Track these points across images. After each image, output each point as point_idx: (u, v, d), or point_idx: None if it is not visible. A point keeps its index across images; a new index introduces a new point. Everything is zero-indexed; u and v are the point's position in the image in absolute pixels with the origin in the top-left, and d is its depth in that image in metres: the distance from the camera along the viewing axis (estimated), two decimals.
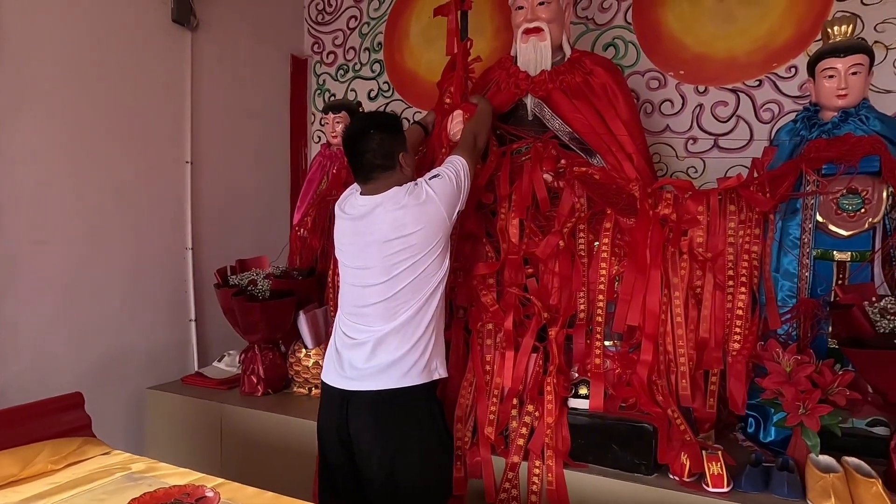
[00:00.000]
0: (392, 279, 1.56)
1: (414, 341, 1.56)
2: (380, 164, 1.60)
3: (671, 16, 2.60)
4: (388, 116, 1.74)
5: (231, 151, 3.04)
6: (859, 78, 1.73)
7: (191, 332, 2.78)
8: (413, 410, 1.57)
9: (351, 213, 1.64)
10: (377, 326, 1.57)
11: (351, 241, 1.64)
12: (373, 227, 1.57)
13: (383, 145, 1.60)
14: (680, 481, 1.53)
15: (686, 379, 1.71)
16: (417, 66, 3.16)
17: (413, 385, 1.55)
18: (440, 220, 1.58)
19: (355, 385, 1.57)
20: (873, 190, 1.68)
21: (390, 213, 1.55)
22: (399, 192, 1.58)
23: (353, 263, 1.65)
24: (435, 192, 1.57)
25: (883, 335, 1.41)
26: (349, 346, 1.61)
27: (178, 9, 2.67)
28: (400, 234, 1.54)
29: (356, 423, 1.56)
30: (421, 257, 1.55)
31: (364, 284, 1.60)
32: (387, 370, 1.55)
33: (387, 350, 1.56)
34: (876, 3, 2.27)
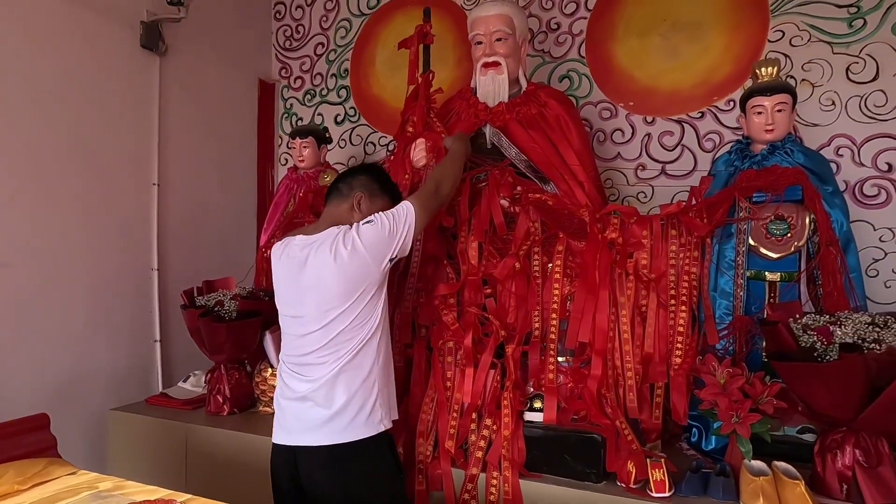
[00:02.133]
0: (325, 326, 1.53)
1: (353, 391, 1.52)
2: (340, 188, 1.68)
3: (621, 51, 2.78)
4: (384, 175, 1.77)
5: (198, 173, 3.09)
6: (784, 115, 1.91)
7: (156, 353, 2.79)
8: (361, 465, 1.53)
9: (286, 258, 1.62)
10: (315, 375, 1.54)
11: (286, 287, 1.63)
12: (307, 272, 1.55)
13: (355, 179, 1.69)
14: (626, 488, 1.63)
15: (633, 392, 1.83)
16: (383, 92, 3.27)
17: (357, 439, 1.52)
18: (365, 273, 1.54)
19: (300, 440, 1.55)
20: (797, 216, 1.84)
21: (321, 258, 1.53)
22: (329, 237, 1.55)
23: (289, 312, 1.63)
24: (363, 241, 1.53)
25: (805, 349, 1.55)
26: (290, 399, 1.58)
27: (146, 34, 2.73)
28: (327, 282, 1.52)
29: (307, 477, 1.54)
30: (349, 306, 1.52)
31: (300, 333, 1.58)
32: (328, 423, 1.51)
33: (326, 401, 1.52)
34: (803, 44, 2.48)
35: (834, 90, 2.43)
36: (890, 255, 2.36)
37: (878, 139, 2.37)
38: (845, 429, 1.57)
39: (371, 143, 3.32)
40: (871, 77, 2.38)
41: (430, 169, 2.10)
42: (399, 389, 1.92)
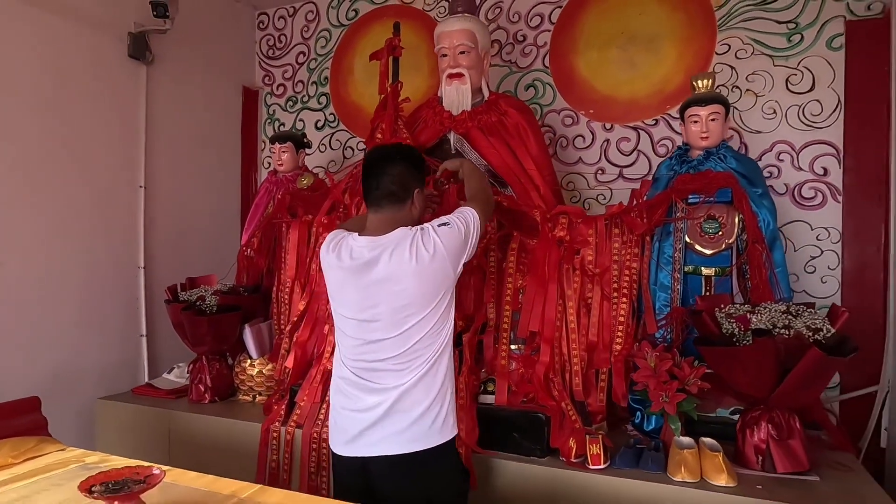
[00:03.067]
0: (403, 333, 1.48)
1: (432, 398, 1.50)
2: (395, 191, 1.54)
3: (582, 62, 2.96)
4: (415, 151, 1.68)
5: (184, 176, 3.24)
6: (717, 123, 2.09)
7: (142, 347, 2.94)
8: (439, 470, 1.52)
9: (348, 259, 1.53)
10: (391, 383, 1.49)
11: (353, 290, 1.53)
12: (378, 274, 1.48)
13: (403, 175, 1.55)
14: (567, 462, 1.80)
15: (579, 377, 2.00)
16: (361, 99, 3.44)
17: (436, 445, 1.50)
18: (444, 276, 1.50)
19: (374, 450, 1.50)
20: (728, 216, 2.03)
21: (398, 259, 1.46)
22: (405, 239, 1.48)
23: (356, 315, 1.54)
24: (443, 243, 1.47)
25: (726, 335, 1.73)
26: (359, 410, 1.52)
27: (134, 45, 2.89)
28: (405, 286, 1.46)
29: (383, 486, 1.51)
30: (428, 313, 1.48)
31: (371, 339, 1.51)
32: (407, 430, 1.48)
33: (406, 409, 1.48)
34: (747, 57, 2.67)
35: (775, 100, 2.62)
36: (826, 252, 2.55)
37: (814, 145, 2.56)
38: (762, 407, 1.75)
39: (350, 147, 3.49)
40: (809, 88, 2.57)
41: None
42: None
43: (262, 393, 2.44)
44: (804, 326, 1.66)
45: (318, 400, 2.11)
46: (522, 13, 3.08)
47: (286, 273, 2.46)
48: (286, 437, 2.10)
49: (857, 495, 1.58)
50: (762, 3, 2.65)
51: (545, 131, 2.99)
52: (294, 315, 2.36)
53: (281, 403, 2.20)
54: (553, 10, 3.02)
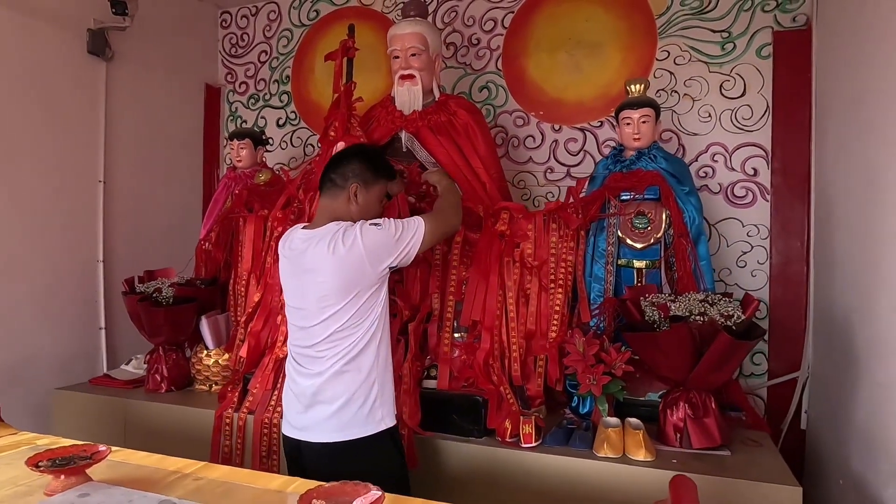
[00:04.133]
0: (322, 322, 1.55)
1: (354, 389, 1.55)
2: (332, 178, 1.64)
3: (532, 65, 3.09)
4: (375, 153, 1.74)
5: (145, 172, 3.29)
6: (648, 125, 2.23)
7: (100, 340, 2.98)
8: (363, 462, 1.54)
9: (288, 250, 1.66)
10: (317, 369, 1.57)
11: (290, 279, 1.66)
12: (306, 265, 1.57)
13: (348, 167, 1.64)
14: (502, 441, 1.91)
15: (517, 363, 2.12)
16: (321, 98, 3.52)
17: (358, 437, 1.54)
18: (360, 272, 1.54)
19: (303, 435, 1.58)
20: (656, 212, 2.17)
21: (320, 253, 1.54)
22: (332, 232, 1.56)
23: (292, 303, 1.66)
24: (363, 241, 1.53)
25: (648, 322, 1.87)
26: (296, 394, 1.62)
27: (93, 41, 2.93)
28: (323, 278, 1.55)
29: (312, 471, 1.54)
30: (344, 305, 1.54)
31: (302, 325, 1.61)
32: (329, 420, 1.54)
33: (326, 398, 1.55)
34: (685, 63, 2.83)
35: (710, 104, 2.79)
36: (756, 248, 2.72)
37: (745, 147, 2.74)
38: (681, 388, 1.89)
39: (310, 144, 3.57)
40: (740, 93, 2.74)
41: None
42: None
43: (218, 382, 2.51)
44: (717, 313, 1.80)
45: (270, 387, 2.19)
46: (477, 17, 3.20)
47: (242, 266, 2.53)
48: (239, 422, 2.18)
49: (760, 466, 1.73)
50: (699, 13, 2.81)
51: (498, 132, 3.12)
52: (249, 306, 2.43)
53: (234, 391, 2.28)
54: (506, 15, 3.14)
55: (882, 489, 1.62)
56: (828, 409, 2.25)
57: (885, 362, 1.66)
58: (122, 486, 1.28)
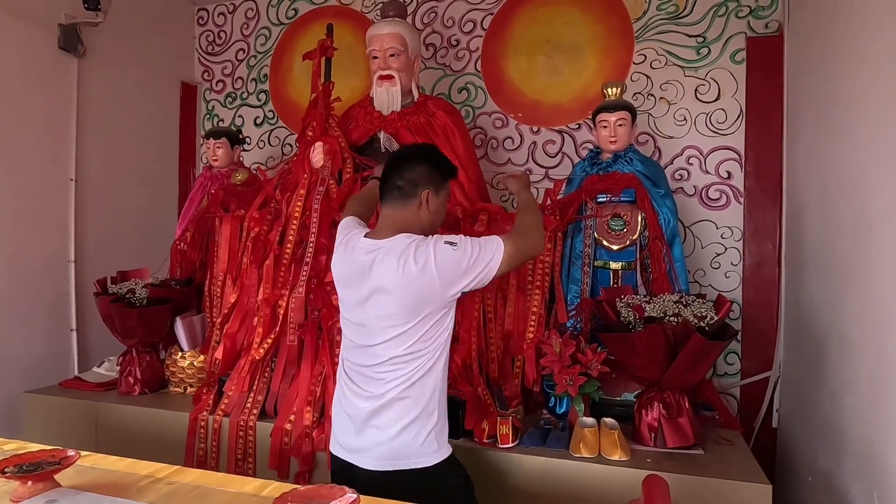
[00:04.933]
0: (386, 343, 1.42)
1: (413, 417, 1.42)
2: (401, 186, 1.47)
3: (512, 67, 3.11)
4: (442, 157, 1.56)
5: (118, 170, 3.23)
6: (624, 129, 2.26)
7: (72, 342, 2.92)
8: (416, 494, 1.33)
9: (349, 259, 1.51)
10: (374, 392, 1.44)
11: (349, 291, 1.51)
12: (371, 280, 1.43)
13: (416, 173, 1.48)
14: (480, 442, 1.92)
15: (495, 364, 2.13)
16: (300, 97, 3.49)
17: (419, 468, 1.42)
18: (430, 293, 1.39)
19: (354, 458, 1.47)
20: (631, 214, 2.20)
21: (388, 270, 1.40)
22: (400, 247, 1.41)
23: (351, 317, 1.51)
24: (436, 261, 1.37)
25: (623, 323, 1.89)
26: (348, 412, 1.50)
27: (64, 37, 2.87)
28: (389, 295, 1.40)
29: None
30: (410, 327, 1.41)
31: (361, 343, 1.48)
32: (383, 446, 1.43)
33: (383, 423, 1.43)
34: (661, 67, 2.87)
35: (686, 108, 2.83)
36: (729, 249, 2.77)
37: (720, 151, 2.78)
38: (655, 388, 1.91)
39: (288, 144, 3.54)
40: (715, 97, 2.79)
41: (325, 169, 2.35)
42: (291, 367, 2.17)
43: (193, 385, 2.48)
44: (691, 314, 1.83)
45: (246, 389, 2.17)
46: (456, 18, 3.20)
47: (218, 266, 2.51)
48: (214, 425, 2.15)
49: (732, 464, 1.76)
50: (675, 18, 2.85)
51: (477, 133, 3.13)
52: (225, 308, 2.41)
53: (210, 393, 2.25)
54: (485, 17, 3.15)
55: (849, 486, 1.66)
56: (798, 408, 2.30)
57: (852, 362, 1.71)
58: (91, 492, 1.26)
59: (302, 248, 2.29)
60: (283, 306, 2.22)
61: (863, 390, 1.62)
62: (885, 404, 1.47)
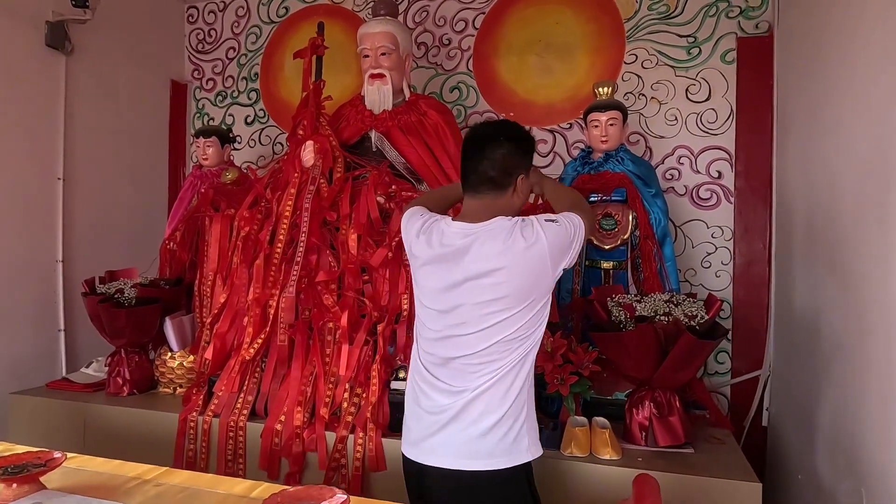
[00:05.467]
0: (484, 330, 1.32)
1: (504, 411, 1.32)
2: (494, 177, 1.37)
3: (503, 67, 3.10)
4: (523, 132, 1.45)
5: (107, 169, 3.20)
6: (616, 128, 2.26)
7: (59, 342, 2.89)
8: (497, 498, 1.34)
9: (439, 246, 1.39)
10: (461, 385, 1.35)
11: (438, 278, 1.39)
12: (466, 264, 1.33)
13: (506, 159, 1.37)
14: None
15: None
16: (290, 96, 3.47)
17: (500, 468, 1.32)
18: (542, 271, 1.32)
19: (428, 459, 1.37)
20: (622, 214, 2.20)
21: (493, 251, 1.31)
22: (503, 225, 1.33)
23: (437, 305, 1.40)
24: (546, 236, 1.30)
25: (614, 322, 1.89)
26: (427, 409, 1.40)
27: (51, 34, 2.84)
28: (496, 279, 1.30)
29: (436, 499, 1.38)
30: (516, 312, 1.32)
31: (450, 333, 1.37)
32: (469, 445, 1.33)
33: (470, 419, 1.33)
34: (652, 67, 2.87)
35: (676, 107, 2.84)
36: (720, 248, 2.78)
37: (710, 150, 2.80)
38: (646, 387, 1.92)
39: (279, 143, 3.52)
40: (706, 97, 2.80)
41: (316, 168, 2.34)
42: (282, 367, 2.16)
43: (183, 385, 2.46)
44: (682, 313, 1.83)
45: (236, 389, 2.16)
46: (448, 17, 3.20)
47: (208, 266, 2.48)
48: (203, 426, 2.13)
49: (722, 463, 1.76)
50: (666, 18, 2.86)
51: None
52: (215, 308, 2.39)
53: (199, 394, 2.23)
54: (477, 16, 3.15)
55: (837, 483, 1.67)
56: (788, 407, 2.31)
57: (841, 361, 1.72)
58: (77, 495, 1.25)
59: (292, 247, 2.27)
60: (274, 306, 2.20)
61: (852, 388, 1.63)
62: (874, 402, 1.48)
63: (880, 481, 1.41)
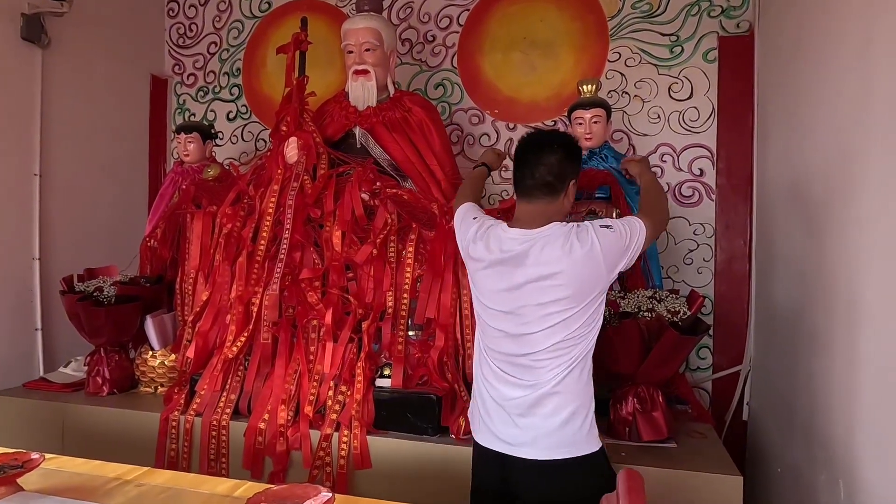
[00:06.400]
0: (548, 329, 1.41)
1: (578, 403, 1.43)
2: (549, 182, 1.46)
3: (487, 64, 3.10)
4: (573, 140, 1.55)
5: (85, 165, 3.14)
6: (600, 125, 2.27)
7: (37, 341, 2.83)
8: (587, 484, 1.40)
9: (498, 251, 1.47)
10: (533, 380, 1.43)
11: (499, 281, 1.47)
12: (526, 268, 1.42)
13: (561, 164, 1.46)
14: (456, 438, 1.92)
15: (471, 359, 2.12)
16: (273, 92, 3.43)
17: (583, 455, 1.42)
18: (597, 276, 1.41)
19: (515, 450, 1.44)
20: (606, 211, 2.22)
21: (553, 255, 1.40)
22: (560, 231, 1.42)
23: (500, 307, 1.48)
24: (601, 244, 1.40)
25: None
26: (500, 403, 1.47)
27: (27, 27, 2.77)
28: (555, 281, 1.40)
29: (523, 489, 1.45)
30: (576, 312, 1.41)
31: (515, 332, 1.45)
32: (551, 436, 1.42)
33: (547, 412, 1.42)
34: (635, 65, 2.89)
35: (659, 105, 2.86)
36: (702, 245, 2.81)
37: (692, 148, 2.82)
38: (630, 383, 1.93)
39: (262, 139, 3.48)
40: (688, 95, 2.83)
41: (299, 165, 2.32)
42: (265, 365, 2.15)
43: (164, 384, 2.43)
44: (665, 310, 1.85)
45: (219, 388, 2.14)
46: (432, 14, 3.19)
47: (189, 264, 2.45)
48: (185, 425, 2.11)
49: (704, 457, 1.79)
50: (648, 17, 2.88)
51: (453, 129, 3.12)
52: (197, 305, 2.36)
53: (181, 393, 2.20)
54: (461, 13, 3.14)
55: (815, 476, 1.70)
56: (768, 401, 2.35)
57: (818, 356, 1.75)
58: (56, 496, 1.23)
59: (276, 244, 2.25)
60: (257, 304, 2.19)
61: (829, 383, 1.66)
62: (851, 396, 1.51)
63: (858, 474, 1.44)
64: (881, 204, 1.38)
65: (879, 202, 1.38)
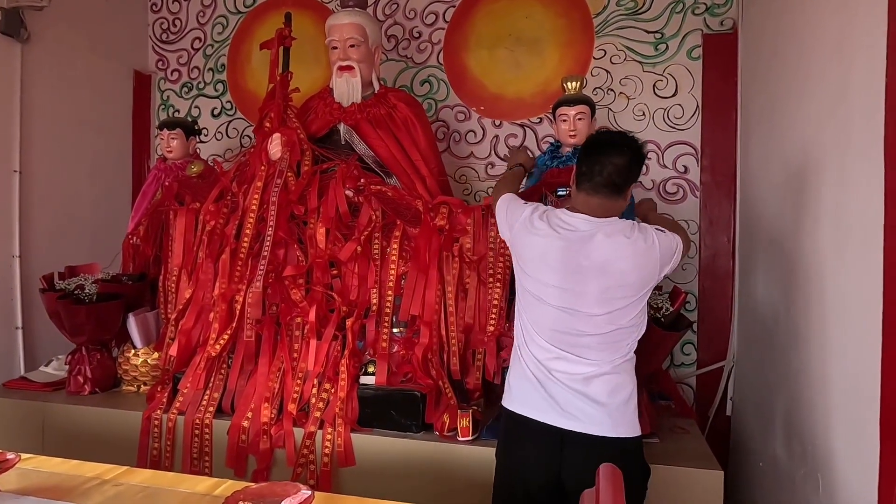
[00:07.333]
0: (611, 314, 1.47)
1: (633, 387, 1.51)
2: (617, 182, 1.50)
3: (473, 60, 3.10)
4: (642, 147, 1.57)
5: (67, 162, 3.10)
6: (584, 122, 2.27)
7: (17, 340, 2.80)
8: (634, 464, 1.47)
9: (563, 229, 1.52)
10: (597, 358, 1.48)
11: (563, 258, 1.49)
12: (594, 250, 1.46)
13: (630, 168, 1.51)
14: (440, 435, 1.92)
15: (456, 357, 2.13)
16: (258, 88, 3.41)
17: (636, 436, 1.50)
18: (653, 271, 1.50)
19: (573, 424, 1.46)
20: None
21: (620, 243, 1.46)
22: (625, 224, 1.50)
23: (562, 284, 1.50)
24: (659, 242, 1.49)
25: None
26: (565, 381, 1.49)
27: (6, 21, 2.73)
28: (621, 267, 1.46)
29: (575, 466, 1.45)
30: (634, 300, 1.49)
31: (576, 310, 1.49)
32: (613, 414, 1.46)
33: (609, 391, 1.47)
34: (620, 63, 2.90)
35: (644, 103, 2.87)
36: None
37: (677, 145, 2.84)
38: None
39: (247, 136, 3.46)
40: (672, 93, 2.84)
41: (283, 161, 2.30)
42: (249, 363, 2.13)
43: (147, 383, 2.40)
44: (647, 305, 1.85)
45: (202, 386, 2.12)
46: (418, 10, 3.18)
47: (173, 261, 2.43)
48: (168, 424, 2.09)
49: (686, 452, 1.81)
50: (633, 14, 2.89)
51: (439, 126, 3.11)
52: (180, 303, 2.34)
53: (164, 391, 2.19)
54: (447, 9, 3.14)
55: (795, 470, 1.72)
56: (750, 396, 2.37)
57: (800, 351, 1.76)
58: (32, 496, 1.21)
59: (259, 241, 2.24)
60: (240, 301, 2.17)
61: (808, 378, 1.67)
62: (828, 391, 1.53)
63: (836, 467, 1.46)
64: (853, 198, 1.39)
65: (853, 196, 1.40)
